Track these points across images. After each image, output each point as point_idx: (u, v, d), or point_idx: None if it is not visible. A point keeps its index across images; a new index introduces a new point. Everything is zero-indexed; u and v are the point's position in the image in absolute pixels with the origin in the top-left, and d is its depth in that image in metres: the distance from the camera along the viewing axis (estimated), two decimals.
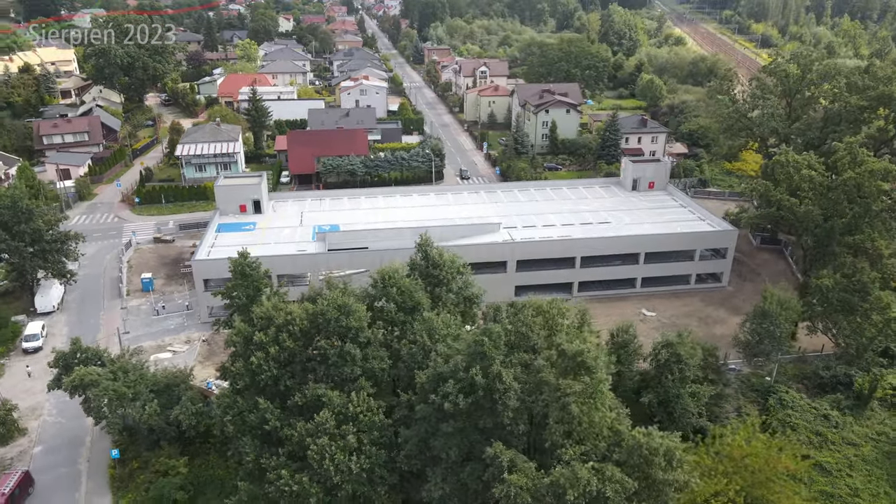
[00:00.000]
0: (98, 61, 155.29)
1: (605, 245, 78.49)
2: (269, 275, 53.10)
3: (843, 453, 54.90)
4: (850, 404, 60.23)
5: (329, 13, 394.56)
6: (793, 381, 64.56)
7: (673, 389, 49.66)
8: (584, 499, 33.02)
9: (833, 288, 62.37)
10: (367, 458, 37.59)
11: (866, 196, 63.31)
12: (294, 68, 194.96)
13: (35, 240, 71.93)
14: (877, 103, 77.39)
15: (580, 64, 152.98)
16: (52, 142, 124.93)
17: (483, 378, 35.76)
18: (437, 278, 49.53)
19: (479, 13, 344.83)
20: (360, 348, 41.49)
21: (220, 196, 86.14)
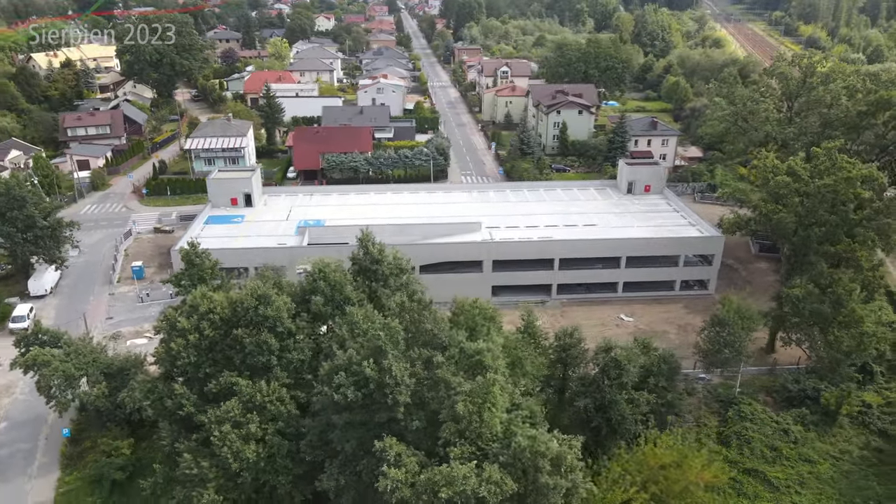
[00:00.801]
0: (129, 58, 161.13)
1: (584, 247, 77.44)
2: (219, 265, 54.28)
3: (797, 469, 53.00)
4: (817, 420, 58.07)
5: (370, 12, 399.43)
6: (762, 392, 62.64)
7: (609, 395, 48.76)
8: (460, 498, 32.92)
9: (804, 298, 60.17)
10: (268, 447, 38.26)
11: (844, 204, 60.79)
12: (321, 66, 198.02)
13: (28, 226, 75.29)
14: (875, 108, 74.11)
15: (599, 65, 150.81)
16: (75, 134, 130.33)
17: (375, 372, 35.99)
18: (376, 274, 49.86)
19: (518, 13, 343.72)
20: (278, 339, 42.23)
21: (211, 189, 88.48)
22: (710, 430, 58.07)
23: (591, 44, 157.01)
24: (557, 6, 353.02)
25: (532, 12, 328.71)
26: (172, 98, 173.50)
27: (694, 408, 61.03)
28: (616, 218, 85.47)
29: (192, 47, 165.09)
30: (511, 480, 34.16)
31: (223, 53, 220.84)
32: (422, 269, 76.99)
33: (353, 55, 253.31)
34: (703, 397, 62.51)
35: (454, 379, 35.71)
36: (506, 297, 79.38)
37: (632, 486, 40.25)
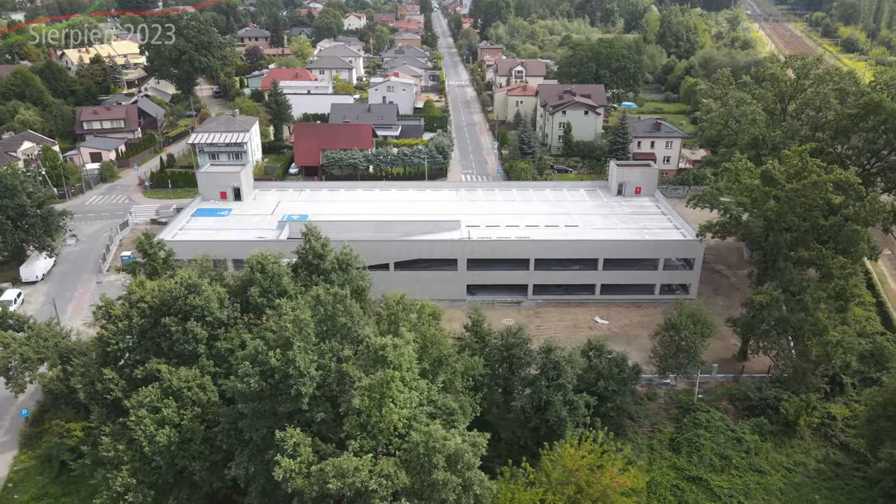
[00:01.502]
0: (151, 54, 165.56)
1: (560, 248, 76.73)
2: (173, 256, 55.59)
3: (744, 479, 51.72)
4: (776, 430, 56.58)
5: (402, 11, 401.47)
6: (724, 400, 61.29)
7: (546, 395, 48.32)
8: (350, 489, 33.20)
9: (768, 305, 58.62)
10: (183, 433, 39.11)
11: (814, 209, 59.01)
12: (340, 64, 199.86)
13: (20, 214, 78.18)
14: (865, 112, 71.59)
15: (610, 65, 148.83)
16: (91, 127, 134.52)
17: (280, 362, 36.49)
18: (318, 268, 50.42)
19: (548, 13, 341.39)
20: (207, 328, 43.10)
21: (201, 182, 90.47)
22: (665, 436, 57.13)
23: (601, 44, 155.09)
24: (589, 6, 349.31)
25: (560, 12, 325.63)
26: (192, 94, 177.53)
27: (652, 413, 60.15)
28: (600, 219, 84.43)
29: (211, 45, 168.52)
30: (404, 475, 34.29)
31: (248, 51, 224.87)
32: (397, 265, 77.61)
33: (376, 54, 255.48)
34: (664, 403, 61.53)
35: (355, 373, 35.98)
36: (482, 297, 79.29)
37: (548, 487, 39.92)
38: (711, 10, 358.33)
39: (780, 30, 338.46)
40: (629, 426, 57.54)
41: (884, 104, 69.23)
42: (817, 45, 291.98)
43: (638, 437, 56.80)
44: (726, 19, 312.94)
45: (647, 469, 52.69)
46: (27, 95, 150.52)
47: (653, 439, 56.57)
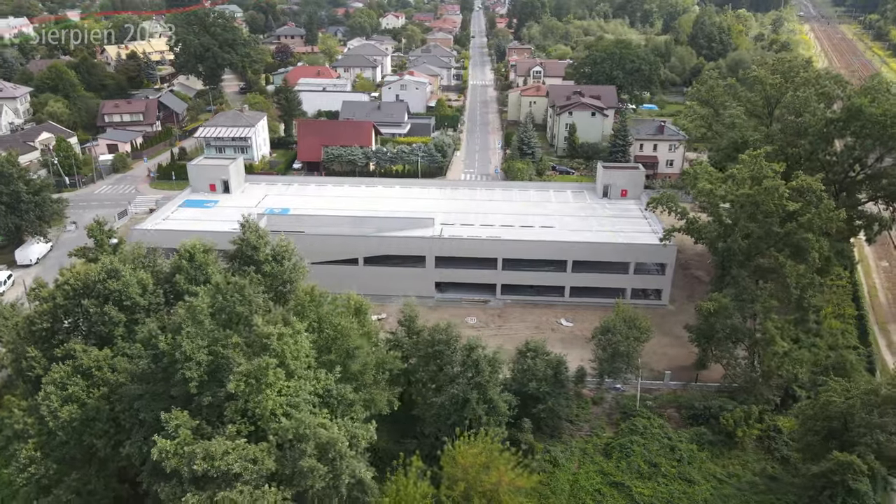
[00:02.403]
0: (177, 50, 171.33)
1: (528, 249, 76.40)
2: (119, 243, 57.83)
3: (671, 488, 50.71)
4: (716, 440, 55.22)
5: (441, 11, 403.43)
6: (672, 407, 60.13)
7: (463, 393, 48.42)
8: (216, 471, 34.27)
9: (716, 313, 57.30)
10: (87, 410, 40.85)
11: (769, 215, 57.33)
12: (365, 63, 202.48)
13: (15, 200, 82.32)
14: (846, 117, 68.96)
15: (624, 66, 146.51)
16: (112, 120, 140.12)
17: (168, 346, 37.83)
18: (251, 259, 51.66)
19: (587, 13, 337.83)
20: (126, 312, 44.87)
21: (192, 174, 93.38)
22: (601, 441, 56.42)
23: (615, 44, 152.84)
24: (629, 6, 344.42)
25: (597, 12, 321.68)
26: (218, 89, 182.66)
27: (594, 417, 59.46)
28: (578, 221, 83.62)
29: (236, 42, 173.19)
30: (271, 460, 35.15)
31: (278, 49, 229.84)
32: (366, 260, 78.62)
33: (406, 52, 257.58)
34: (609, 408, 60.75)
35: (237, 359, 37.01)
36: (451, 295, 79.76)
37: (443, 482, 40.30)
38: (759, 11, 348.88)
39: (831, 32, 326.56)
40: (566, 429, 57.14)
41: (864, 109, 66.56)
42: (867, 49, 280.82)
43: (573, 440, 56.29)
44: (772, 21, 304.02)
45: (573, 472, 52.40)
46: (60, 89, 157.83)
47: (588, 443, 55.95)
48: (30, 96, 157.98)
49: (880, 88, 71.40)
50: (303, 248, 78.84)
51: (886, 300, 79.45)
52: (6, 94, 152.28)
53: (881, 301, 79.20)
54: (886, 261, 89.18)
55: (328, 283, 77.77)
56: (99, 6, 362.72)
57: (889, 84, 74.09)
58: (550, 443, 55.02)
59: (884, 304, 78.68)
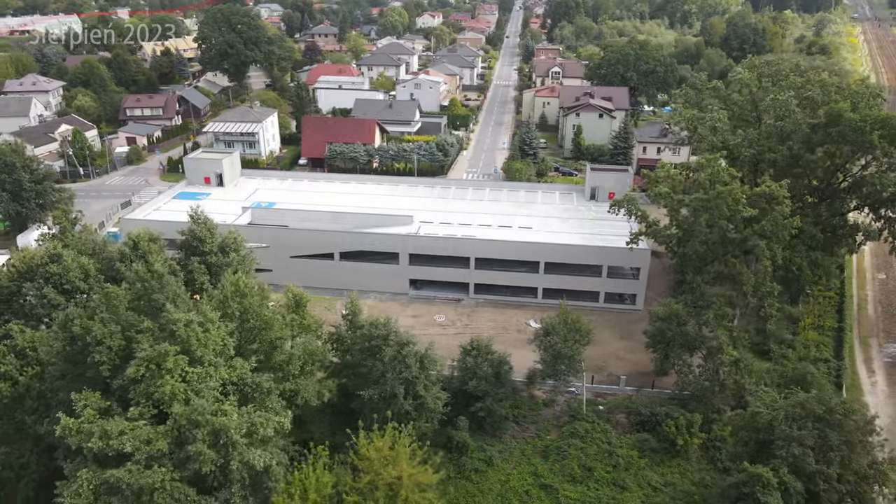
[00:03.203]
0: (203, 47, 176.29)
1: (499, 249, 76.30)
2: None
3: (600, 493, 50.22)
4: (660, 447, 54.37)
5: (479, 11, 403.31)
6: (622, 413, 59.39)
7: (391, 388, 48.92)
8: (111, 451, 35.76)
9: (664, 319, 56.44)
10: (17, 388, 42.98)
11: (722, 220, 56.07)
12: (388, 62, 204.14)
13: (17, 188, 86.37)
14: (827, 121, 66.65)
15: (639, 68, 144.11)
16: (133, 114, 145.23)
17: (81, 330, 39.55)
18: (197, 250, 53.37)
19: (626, 14, 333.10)
20: (65, 295, 46.96)
21: (188, 167, 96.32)
22: (543, 443, 56.11)
23: (629, 45, 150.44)
24: (669, 7, 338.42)
25: (633, 13, 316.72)
26: (243, 86, 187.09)
27: (542, 419, 59.17)
28: (559, 223, 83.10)
29: (259, 39, 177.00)
30: (165, 442, 36.45)
31: (307, 47, 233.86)
32: (342, 256, 79.83)
33: (435, 52, 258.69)
34: (559, 410, 60.35)
35: (141, 345, 38.42)
36: (426, 292, 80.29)
37: (346, 475, 40.95)
38: (809, 12, 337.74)
39: (882, 35, 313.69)
40: (511, 429, 57.06)
41: (843, 114, 64.25)
42: None
43: (515, 441, 56.20)
44: (815, 22, 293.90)
45: (508, 472, 52.33)
46: (91, 83, 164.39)
47: (529, 444, 55.78)
48: (62, 90, 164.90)
49: (865, 94, 68.82)
50: (285, 242, 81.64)
51: (875, 313, 76.54)
52: (39, 87, 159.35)
53: (868, 314, 76.32)
54: (885, 272, 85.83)
55: (306, 276, 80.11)
56: (147, 4, 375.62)
57: (880, 89, 71.25)
58: (490, 442, 55.10)
59: (871, 316, 75.81)
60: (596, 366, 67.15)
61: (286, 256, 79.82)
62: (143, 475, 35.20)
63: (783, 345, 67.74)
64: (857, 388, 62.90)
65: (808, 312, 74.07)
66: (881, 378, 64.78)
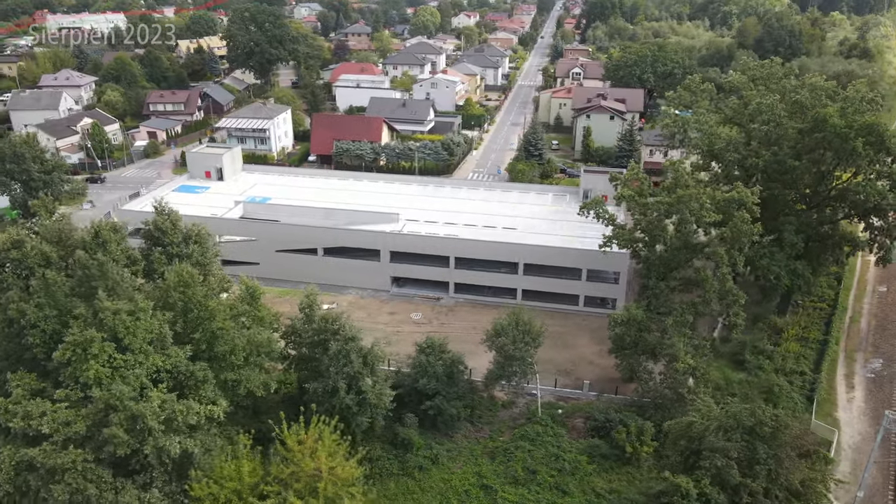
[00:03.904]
0: (229, 45, 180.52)
1: (479, 249, 76.25)
2: None
3: (540, 496, 49.78)
4: (611, 454, 53.55)
5: (517, 11, 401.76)
6: (580, 417, 58.73)
7: (332, 381, 49.49)
8: (31, 430, 37.35)
9: (622, 323, 55.58)
10: None
11: (686, 225, 54.87)
12: (413, 61, 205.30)
13: (27, 178, 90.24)
14: (812, 125, 64.44)
15: (656, 70, 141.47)
16: (156, 109, 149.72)
17: (17, 314, 41.30)
18: (158, 241, 54.97)
19: (666, 15, 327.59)
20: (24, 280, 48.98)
21: (190, 161, 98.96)
22: (495, 444, 55.85)
23: (646, 46, 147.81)
24: (711, 8, 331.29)
25: (671, 13, 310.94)
26: (268, 83, 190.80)
27: (499, 420, 58.93)
28: (545, 224, 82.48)
29: (284, 38, 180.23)
30: (84, 424, 37.82)
31: (336, 46, 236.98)
32: (326, 251, 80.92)
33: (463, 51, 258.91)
34: (518, 412, 60.00)
35: (71, 330, 39.88)
36: (408, 290, 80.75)
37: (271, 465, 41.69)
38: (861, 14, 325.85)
39: None
40: (464, 429, 56.96)
41: (828, 120, 62.03)
42: None
43: (467, 440, 56.10)
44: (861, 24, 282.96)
45: (453, 471, 52.34)
46: (122, 79, 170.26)
47: (480, 444, 55.64)
48: (94, 85, 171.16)
49: (856, 98, 66.25)
50: (271, 236, 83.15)
51: (867, 326, 73.63)
52: (72, 82, 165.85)
53: (860, 327, 73.46)
54: (886, 285, 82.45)
55: (292, 270, 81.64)
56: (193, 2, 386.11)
57: (876, 95, 68.45)
58: (440, 441, 55.14)
59: (862, 329, 72.95)
60: (565, 369, 66.72)
61: (272, 250, 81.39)
62: (57, 455, 36.59)
63: (762, 355, 66.03)
64: (830, 403, 60.73)
65: (794, 323, 71.80)
66: (860, 393, 62.37)
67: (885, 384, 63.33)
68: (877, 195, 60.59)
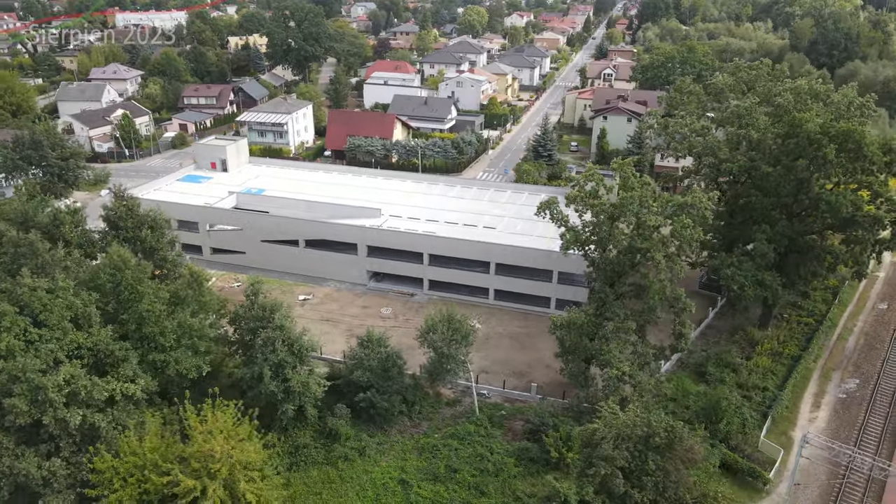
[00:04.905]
0: (267, 42, 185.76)
1: (451, 246, 76.11)
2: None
3: (455, 495, 49.51)
4: (540, 458, 52.75)
5: (573, 11, 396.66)
6: (521, 420, 58.04)
7: (258, 368, 50.61)
8: None
9: (560, 326, 54.62)
10: None
11: (631, 228, 53.44)
12: (451, 59, 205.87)
13: (43, 163, 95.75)
14: (787, 130, 61.36)
15: (684, 72, 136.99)
16: (190, 102, 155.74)
17: None
18: (116, 225, 57.67)
19: (726, 16, 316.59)
20: None
21: (197, 152, 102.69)
22: (426, 440, 55.85)
23: (675, 48, 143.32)
24: (775, 9, 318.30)
25: (729, 15, 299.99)
26: (305, 79, 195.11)
27: (439, 417, 58.83)
28: (528, 225, 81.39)
29: (320, 36, 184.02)
30: (24, 405, 40.18)
31: (378, 44, 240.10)
32: (307, 243, 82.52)
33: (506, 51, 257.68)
34: (460, 411, 59.79)
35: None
36: (385, 285, 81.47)
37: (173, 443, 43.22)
38: None
39: None
40: (401, 423, 57.21)
41: (802, 124, 59.06)
42: None
43: (402, 435, 56.28)
44: None
45: (379, 464, 52.74)
46: (167, 73, 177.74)
47: (413, 439, 55.75)
48: (140, 79, 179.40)
49: (841, 103, 62.80)
50: (257, 226, 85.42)
51: (855, 344, 69.59)
52: (119, 75, 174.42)
53: (847, 344, 69.50)
54: (888, 302, 77.66)
55: (275, 260, 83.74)
56: (255, 2, 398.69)
57: (867, 100, 64.72)
58: (372, 433, 55.55)
59: (848, 348, 69.00)
60: (520, 371, 66.06)
61: (258, 240, 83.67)
62: None
63: (728, 368, 63.60)
64: (788, 422, 57.86)
65: (772, 337, 68.72)
66: (825, 413, 59.13)
67: (854, 405, 59.83)
68: (849, 206, 57.34)
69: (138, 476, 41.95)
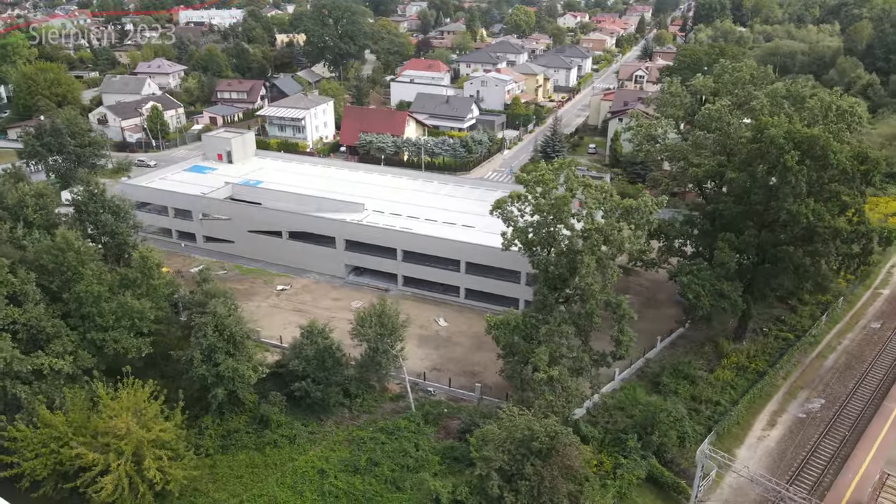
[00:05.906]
0: (304, 40, 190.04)
1: (423, 243, 76.29)
2: None
3: (369, 488, 49.68)
4: (465, 458, 52.23)
5: (630, 11, 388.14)
6: (457, 418, 57.71)
7: (189, 353, 52.21)
8: None
9: (495, 326, 54.09)
10: None
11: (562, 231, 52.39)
12: (486, 59, 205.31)
13: (62, 150, 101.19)
14: (753, 135, 58.57)
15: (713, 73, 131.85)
16: (222, 96, 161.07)
17: None
18: (90, 214, 60.64)
19: (787, 18, 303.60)
20: None
21: (204, 144, 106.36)
22: (360, 433, 56.30)
23: (702, 49, 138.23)
24: (843, 11, 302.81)
25: (791, 16, 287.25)
26: (341, 77, 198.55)
27: (379, 412, 59.15)
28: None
29: (356, 34, 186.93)
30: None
31: (420, 43, 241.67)
32: (290, 235, 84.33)
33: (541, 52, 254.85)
34: (405, 406, 59.97)
35: None
36: (363, 279, 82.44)
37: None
38: None
39: None
40: (339, 414, 57.87)
41: (770, 131, 56.31)
42: None
43: (337, 426, 56.90)
44: None
45: (305, 453, 53.59)
46: (209, 68, 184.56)
47: (346, 431, 56.30)
48: (184, 73, 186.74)
49: (817, 108, 59.57)
50: (244, 217, 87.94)
51: (833, 363, 65.87)
52: (163, 69, 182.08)
53: (826, 363, 65.87)
54: (882, 322, 73.12)
55: (260, 250, 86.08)
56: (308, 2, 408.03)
57: (853, 105, 61.19)
58: (306, 422, 56.38)
59: (825, 366, 65.39)
60: (472, 371, 65.73)
61: (245, 230, 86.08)
62: None
63: (685, 380, 61.55)
64: (735, 439, 55.41)
65: (741, 351, 65.96)
66: (778, 433, 56.32)
67: (811, 426, 56.76)
68: (809, 215, 54.45)
69: (53, 447, 44.20)
